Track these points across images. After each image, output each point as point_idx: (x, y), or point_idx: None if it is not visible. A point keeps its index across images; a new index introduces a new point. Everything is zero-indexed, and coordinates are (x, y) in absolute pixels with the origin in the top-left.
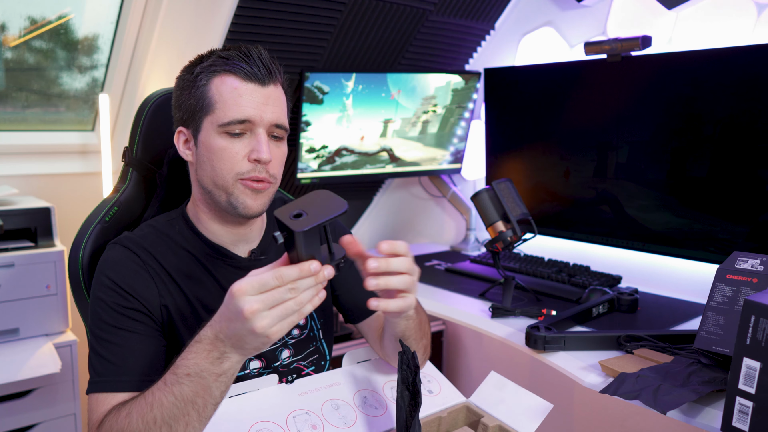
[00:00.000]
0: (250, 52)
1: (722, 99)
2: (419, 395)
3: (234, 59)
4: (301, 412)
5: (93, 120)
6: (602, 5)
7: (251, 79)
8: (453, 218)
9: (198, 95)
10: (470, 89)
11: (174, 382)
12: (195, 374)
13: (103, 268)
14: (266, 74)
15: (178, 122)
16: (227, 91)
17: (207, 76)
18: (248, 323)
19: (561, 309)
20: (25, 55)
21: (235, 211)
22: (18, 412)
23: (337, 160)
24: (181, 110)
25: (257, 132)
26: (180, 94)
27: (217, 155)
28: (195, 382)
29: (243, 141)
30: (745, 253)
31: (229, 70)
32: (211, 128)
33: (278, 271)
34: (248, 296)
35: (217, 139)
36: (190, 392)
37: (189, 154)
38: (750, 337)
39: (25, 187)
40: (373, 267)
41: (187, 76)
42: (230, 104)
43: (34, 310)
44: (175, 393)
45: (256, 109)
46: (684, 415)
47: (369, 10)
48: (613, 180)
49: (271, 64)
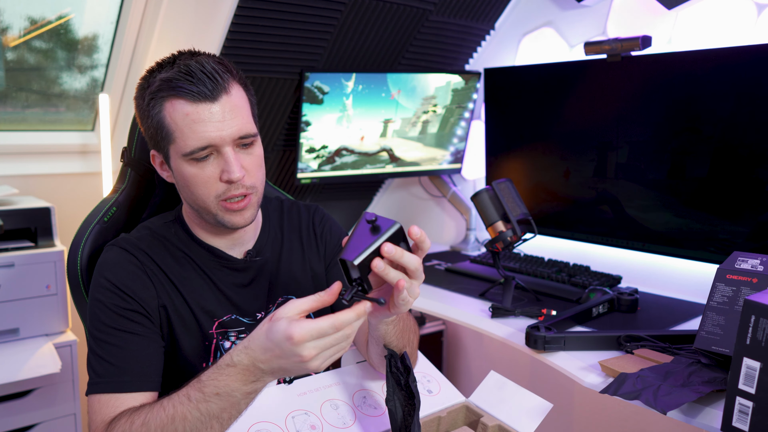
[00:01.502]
0: (190, 69)
1: (722, 99)
2: (416, 396)
3: (177, 80)
4: (300, 413)
5: (93, 120)
6: (602, 5)
7: (200, 99)
8: (453, 218)
9: (155, 125)
10: (470, 89)
11: (200, 399)
12: (225, 394)
13: (101, 269)
14: (213, 87)
15: (149, 145)
16: (180, 119)
17: (157, 104)
18: (303, 364)
19: (561, 309)
20: (25, 55)
21: (223, 227)
22: (18, 412)
23: (337, 160)
24: (147, 136)
25: (223, 151)
26: (141, 122)
27: (191, 182)
28: (224, 400)
29: (212, 163)
30: (745, 253)
31: (176, 94)
32: (177, 157)
33: (336, 319)
34: (307, 344)
35: (186, 167)
36: (217, 408)
37: (167, 176)
38: (750, 337)
39: (25, 187)
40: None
41: (140, 103)
42: (187, 133)
43: (34, 310)
44: (201, 409)
45: (215, 131)
46: (684, 415)
47: (369, 10)
48: (613, 180)
49: (216, 74)
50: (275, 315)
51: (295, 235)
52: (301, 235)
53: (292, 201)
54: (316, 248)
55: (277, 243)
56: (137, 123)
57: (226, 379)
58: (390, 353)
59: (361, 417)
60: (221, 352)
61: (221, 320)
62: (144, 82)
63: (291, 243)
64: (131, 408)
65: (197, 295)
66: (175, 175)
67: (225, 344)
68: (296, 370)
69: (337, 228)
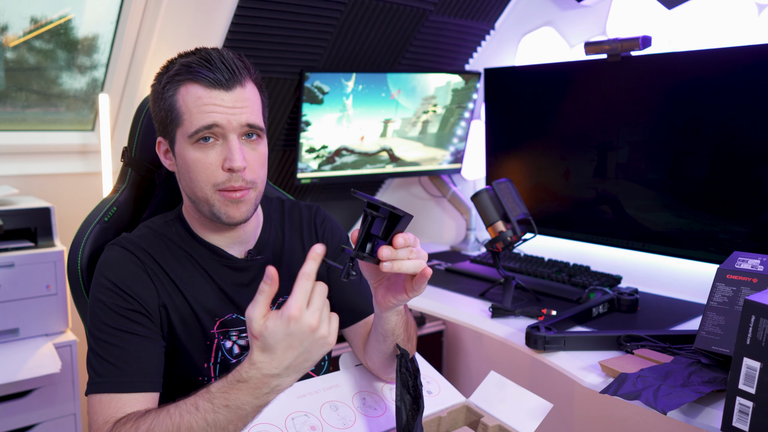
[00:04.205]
0: (211, 57)
1: (722, 99)
2: (421, 398)
3: (195, 66)
4: (300, 414)
5: (93, 120)
6: (602, 5)
7: (215, 85)
8: (453, 218)
9: (167, 107)
10: (470, 89)
11: (209, 410)
12: (235, 407)
13: (101, 269)
14: (230, 77)
15: (157, 132)
16: (192, 101)
17: (173, 87)
18: (316, 335)
19: (561, 309)
20: (25, 55)
21: (219, 221)
22: (18, 412)
23: (337, 160)
24: (156, 121)
25: (229, 138)
26: (153, 106)
27: (192, 167)
28: (233, 413)
29: (215, 149)
30: (745, 253)
31: (192, 78)
32: (183, 140)
33: (304, 274)
34: (306, 312)
35: (190, 150)
36: (225, 420)
37: (170, 164)
38: (750, 337)
39: (25, 187)
40: (387, 255)
41: (156, 87)
42: (195, 114)
43: (34, 310)
44: (208, 420)
45: (222, 115)
46: (684, 415)
47: (369, 10)
48: (613, 180)
49: (234, 66)
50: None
51: (296, 235)
52: (302, 235)
53: (293, 201)
54: None
55: (279, 242)
56: (138, 123)
57: (237, 393)
58: (401, 352)
59: (361, 417)
60: (222, 352)
61: (222, 320)
62: (164, 69)
63: (292, 243)
64: (137, 413)
65: (198, 295)
66: (177, 161)
67: (226, 344)
68: (315, 348)
69: (338, 229)
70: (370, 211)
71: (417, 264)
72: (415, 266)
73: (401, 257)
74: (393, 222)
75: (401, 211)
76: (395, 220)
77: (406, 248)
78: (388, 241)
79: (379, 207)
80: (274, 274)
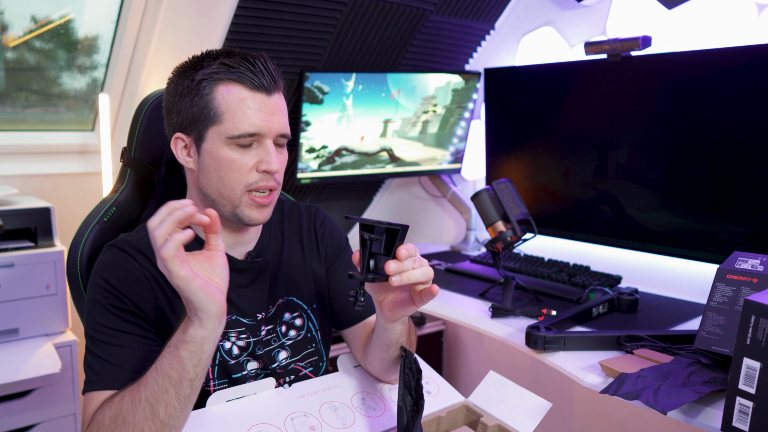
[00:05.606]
0: (255, 60)
1: (722, 99)
2: (422, 399)
3: (239, 68)
4: (299, 414)
5: (93, 120)
6: (602, 5)
7: (258, 89)
8: (453, 218)
9: (202, 104)
10: (470, 89)
11: (157, 360)
12: (171, 345)
13: (98, 270)
14: (272, 83)
15: (175, 127)
16: (235, 102)
17: (210, 84)
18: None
19: (561, 309)
20: (25, 55)
21: (239, 222)
22: (18, 412)
23: (337, 160)
24: (179, 116)
25: (265, 143)
26: (178, 100)
27: (226, 166)
28: (171, 353)
29: (251, 152)
30: (745, 253)
31: (235, 79)
32: (218, 139)
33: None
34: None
35: (226, 150)
36: (167, 364)
37: (190, 161)
38: (750, 337)
39: (25, 187)
40: (394, 269)
41: (186, 82)
42: (239, 116)
43: (34, 310)
44: (157, 368)
45: (264, 121)
46: (684, 416)
47: (369, 10)
48: (613, 180)
49: (275, 72)
50: None
51: (295, 236)
52: (301, 236)
53: (292, 202)
54: (317, 250)
55: (278, 244)
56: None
57: (178, 332)
58: (405, 352)
59: (360, 417)
60: (221, 353)
61: None
62: (191, 65)
63: (291, 244)
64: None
65: None
66: (204, 158)
67: (225, 345)
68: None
69: (337, 231)
70: (367, 233)
71: (424, 271)
72: (423, 273)
73: (408, 268)
74: (392, 236)
75: (397, 225)
76: (393, 234)
77: (410, 258)
78: (391, 255)
79: (374, 227)
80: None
